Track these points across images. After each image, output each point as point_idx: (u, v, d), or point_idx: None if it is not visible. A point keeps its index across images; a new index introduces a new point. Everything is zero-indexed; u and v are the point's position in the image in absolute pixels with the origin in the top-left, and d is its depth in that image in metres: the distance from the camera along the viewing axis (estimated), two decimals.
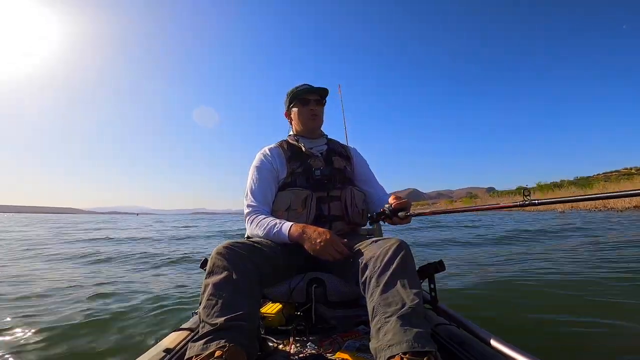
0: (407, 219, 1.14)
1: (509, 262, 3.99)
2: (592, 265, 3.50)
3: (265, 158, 1.35)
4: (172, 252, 5.76)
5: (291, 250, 1.17)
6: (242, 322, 0.83)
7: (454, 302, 2.34)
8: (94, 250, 6.06)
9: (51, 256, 5.34)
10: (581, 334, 1.83)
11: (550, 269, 3.47)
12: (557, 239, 5.98)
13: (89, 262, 4.79)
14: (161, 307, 2.37)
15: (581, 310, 2.16)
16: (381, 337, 0.79)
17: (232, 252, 0.97)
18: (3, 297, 2.63)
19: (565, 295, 2.50)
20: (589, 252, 4.35)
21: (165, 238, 9.15)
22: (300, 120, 1.41)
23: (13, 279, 3.34)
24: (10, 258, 5.09)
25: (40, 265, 4.38)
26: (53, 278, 3.46)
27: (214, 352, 0.75)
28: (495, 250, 5.01)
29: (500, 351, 0.89)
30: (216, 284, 0.90)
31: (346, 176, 1.37)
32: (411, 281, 0.89)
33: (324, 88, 1.41)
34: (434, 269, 1.20)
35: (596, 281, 2.81)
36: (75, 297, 2.63)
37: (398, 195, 1.22)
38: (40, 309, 2.30)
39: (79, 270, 4.08)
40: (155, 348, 0.99)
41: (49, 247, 6.65)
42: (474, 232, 8.29)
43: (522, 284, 2.88)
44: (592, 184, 34.29)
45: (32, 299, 2.59)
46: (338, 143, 1.51)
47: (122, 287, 3.02)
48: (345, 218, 1.29)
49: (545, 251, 4.64)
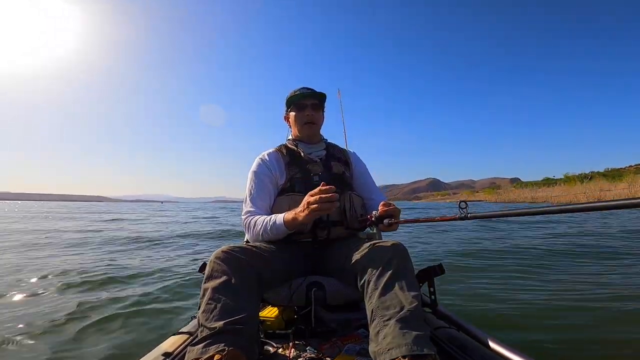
0: (393, 226, 1.14)
1: (510, 262, 3.98)
2: (595, 268, 3.49)
3: (263, 163, 1.34)
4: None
5: (290, 254, 1.17)
6: (241, 326, 0.83)
7: (454, 305, 2.33)
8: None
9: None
10: (582, 339, 1.82)
11: (553, 271, 3.46)
12: (566, 240, 5.90)
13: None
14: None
15: (583, 314, 2.16)
16: (380, 340, 0.79)
17: (231, 257, 0.97)
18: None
19: (568, 298, 2.49)
20: (595, 253, 4.33)
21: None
22: (297, 126, 1.40)
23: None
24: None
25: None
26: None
27: (212, 356, 0.75)
28: (496, 250, 4.99)
29: (501, 354, 0.89)
30: (215, 288, 0.89)
31: (345, 181, 1.36)
32: (409, 284, 0.89)
33: (322, 93, 1.40)
34: (433, 272, 1.20)
35: (602, 283, 2.81)
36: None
37: (388, 202, 1.21)
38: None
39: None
40: (154, 352, 0.99)
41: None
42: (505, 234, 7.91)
43: (523, 286, 2.87)
44: (623, 177, 33.38)
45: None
46: (337, 148, 1.50)
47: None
48: (344, 223, 1.28)
49: (550, 253, 4.61)
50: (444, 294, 2.59)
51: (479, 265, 3.88)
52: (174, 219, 14.58)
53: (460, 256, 4.38)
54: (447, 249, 5.04)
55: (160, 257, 4.77)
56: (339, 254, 1.15)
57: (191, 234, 8.05)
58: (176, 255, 4.94)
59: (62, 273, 3.44)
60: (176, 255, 4.94)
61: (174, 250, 5.50)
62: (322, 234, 1.26)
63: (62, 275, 3.36)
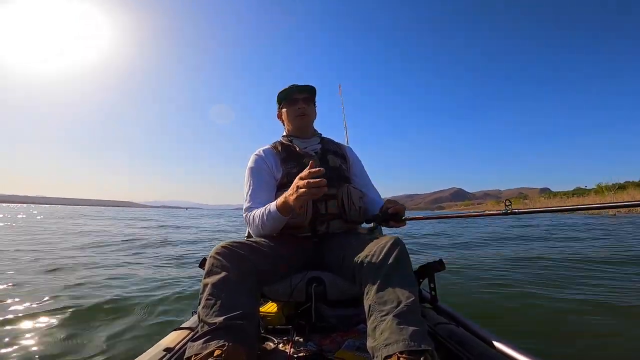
0: (402, 223, 1.17)
1: (512, 263, 3.97)
2: (600, 269, 3.48)
3: (260, 158, 1.34)
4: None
5: (290, 249, 1.17)
6: (241, 321, 0.83)
7: (455, 302, 2.33)
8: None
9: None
10: (583, 335, 1.82)
11: (554, 271, 3.45)
12: (577, 243, 5.84)
13: None
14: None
15: (584, 311, 2.15)
16: (377, 336, 0.79)
17: (231, 252, 0.97)
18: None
19: (569, 296, 2.48)
20: (604, 255, 4.29)
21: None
22: (290, 120, 1.40)
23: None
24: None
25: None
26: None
27: (213, 351, 0.75)
28: (500, 251, 4.98)
29: (501, 351, 0.89)
30: (215, 284, 0.90)
31: (342, 175, 1.36)
32: (407, 279, 0.89)
33: (311, 86, 1.40)
34: (433, 268, 1.20)
35: (603, 284, 2.79)
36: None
37: (393, 199, 1.23)
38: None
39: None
40: (155, 347, 0.99)
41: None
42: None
43: (524, 284, 2.87)
44: None
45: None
46: (332, 142, 1.49)
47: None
48: (343, 216, 1.29)
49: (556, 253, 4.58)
50: (445, 290, 2.60)
51: (480, 265, 3.88)
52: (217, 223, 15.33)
53: (464, 256, 4.37)
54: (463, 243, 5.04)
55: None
56: (338, 248, 1.15)
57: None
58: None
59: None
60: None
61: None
62: (322, 228, 1.26)
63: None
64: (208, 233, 9.74)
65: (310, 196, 0.98)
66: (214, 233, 9.79)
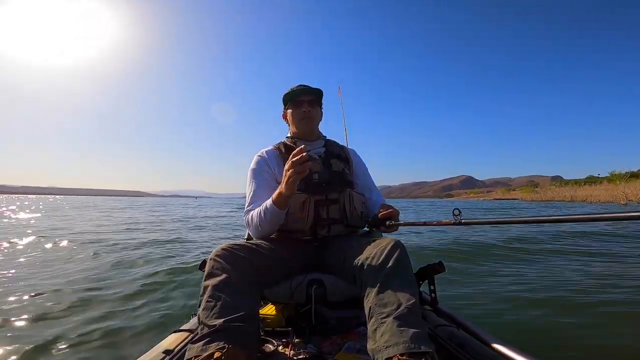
0: (393, 228, 1.17)
1: (513, 262, 3.96)
2: (601, 271, 3.47)
3: (262, 160, 1.34)
4: None
5: (290, 251, 1.17)
6: (241, 323, 0.83)
7: (455, 304, 2.32)
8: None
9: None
10: (582, 337, 1.81)
11: (555, 271, 3.44)
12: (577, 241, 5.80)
13: None
14: None
15: (584, 313, 2.15)
16: (378, 338, 0.79)
17: (231, 254, 0.97)
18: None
19: (569, 298, 2.47)
20: (607, 256, 4.27)
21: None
22: (295, 122, 1.39)
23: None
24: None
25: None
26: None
27: (213, 353, 0.75)
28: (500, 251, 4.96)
29: (501, 353, 0.88)
30: (215, 286, 0.90)
31: (345, 179, 1.34)
32: (407, 281, 0.89)
33: (318, 89, 1.39)
34: (433, 270, 1.20)
35: (603, 286, 2.79)
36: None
37: (388, 205, 1.24)
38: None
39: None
40: (154, 349, 0.99)
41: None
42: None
43: (524, 286, 2.86)
44: None
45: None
46: (336, 144, 1.48)
47: None
48: (344, 221, 1.28)
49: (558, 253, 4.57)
50: (446, 292, 2.59)
51: (481, 264, 3.87)
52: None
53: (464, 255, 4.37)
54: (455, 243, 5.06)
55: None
56: (339, 250, 1.15)
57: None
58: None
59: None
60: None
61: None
62: (323, 231, 1.26)
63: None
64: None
65: (299, 175, 0.98)
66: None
